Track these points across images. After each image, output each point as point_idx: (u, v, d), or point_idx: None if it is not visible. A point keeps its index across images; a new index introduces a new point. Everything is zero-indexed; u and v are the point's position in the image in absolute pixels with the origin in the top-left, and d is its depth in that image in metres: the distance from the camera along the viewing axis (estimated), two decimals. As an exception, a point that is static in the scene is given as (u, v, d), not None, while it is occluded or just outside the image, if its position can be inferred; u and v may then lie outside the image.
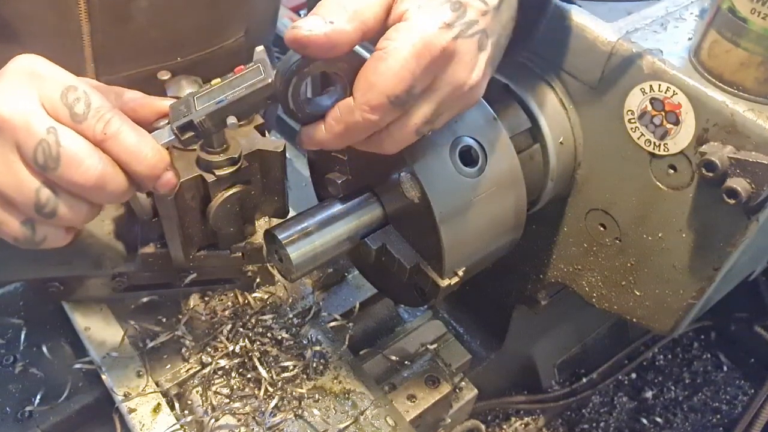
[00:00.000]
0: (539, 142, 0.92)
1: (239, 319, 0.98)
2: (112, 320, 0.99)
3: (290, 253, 0.82)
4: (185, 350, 0.95)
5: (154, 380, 0.92)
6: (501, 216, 0.86)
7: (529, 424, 1.54)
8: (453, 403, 1.09)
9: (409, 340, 1.12)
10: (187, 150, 0.89)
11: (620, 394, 1.64)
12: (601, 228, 0.96)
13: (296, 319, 1.00)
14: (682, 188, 0.84)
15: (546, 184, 0.95)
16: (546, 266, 1.09)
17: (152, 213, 0.89)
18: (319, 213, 0.86)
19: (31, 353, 1.01)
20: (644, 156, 0.86)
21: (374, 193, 0.87)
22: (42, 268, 0.95)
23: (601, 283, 1.01)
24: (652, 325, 0.97)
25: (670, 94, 0.80)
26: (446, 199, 0.80)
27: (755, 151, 0.74)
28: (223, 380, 0.93)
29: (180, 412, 0.91)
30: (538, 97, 0.92)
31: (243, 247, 0.96)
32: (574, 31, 0.87)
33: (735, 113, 0.75)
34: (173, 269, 0.96)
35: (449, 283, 0.84)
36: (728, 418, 1.63)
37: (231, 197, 0.89)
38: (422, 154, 0.79)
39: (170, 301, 1.01)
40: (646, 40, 0.84)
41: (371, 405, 0.93)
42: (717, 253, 0.84)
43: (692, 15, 0.90)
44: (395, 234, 0.88)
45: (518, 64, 0.95)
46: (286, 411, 0.91)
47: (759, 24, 0.72)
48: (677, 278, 0.90)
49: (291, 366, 0.94)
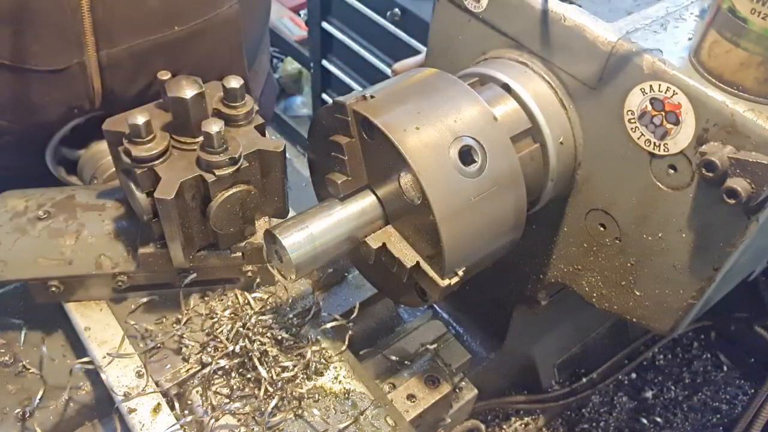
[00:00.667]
0: (539, 142, 0.93)
1: (239, 319, 0.98)
2: (112, 320, 0.99)
3: (290, 254, 0.82)
4: (185, 350, 0.95)
5: (154, 380, 0.92)
6: (501, 216, 0.86)
7: (529, 424, 1.53)
8: (453, 403, 1.09)
9: (409, 340, 1.12)
10: (188, 150, 0.90)
11: (620, 394, 1.64)
12: (601, 228, 0.96)
13: (296, 319, 1.00)
14: (682, 188, 0.84)
15: (546, 184, 0.95)
16: (546, 266, 1.09)
17: (152, 213, 0.89)
18: (319, 213, 0.86)
19: (31, 353, 1.01)
20: (644, 156, 0.86)
21: (374, 193, 0.87)
22: (42, 268, 0.95)
23: (601, 283, 1.01)
24: (652, 325, 0.97)
25: (670, 94, 0.80)
26: (446, 199, 0.80)
27: (755, 151, 0.74)
28: (223, 380, 0.93)
29: (180, 412, 0.91)
30: (538, 97, 0.92)
31: (243, 247, 0.97)
32: (574, 31, 0.88)
33: (735, 113, 0.75)
34: (173, 269, 0.96)
35: (449, 283, 0.84)
36: (728, 417, 1.63)
37: (231, 197, 0.89)
38: (422, 154, 0.79)
39: (170, 301, 1.01)
40: (646, 40, 0.84)
41: (371, 405, 0.93)
42: (717, 253, 0.84)
43: (692, 15, 0.90)
44: (395, 234, 0.88)
45: (518, 64, 0.95)
46: (286, 411, 0.91)
47: (759, 24, 0.72)
48: (677, 278, 0.90)
49: (291, 366, 0.94)
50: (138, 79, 1.17)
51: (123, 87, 1.16)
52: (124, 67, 1.13)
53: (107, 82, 1.14)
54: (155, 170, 0.87)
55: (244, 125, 0.94)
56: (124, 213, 1.01)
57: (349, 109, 0.83)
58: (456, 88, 0.87)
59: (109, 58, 1.09)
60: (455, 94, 0.86)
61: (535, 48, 0.93)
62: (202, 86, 0.88)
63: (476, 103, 0.86)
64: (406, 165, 0.79)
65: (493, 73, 0.94)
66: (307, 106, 3.98)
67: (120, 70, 1.13)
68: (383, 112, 0.81)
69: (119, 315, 1.00)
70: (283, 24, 3.68)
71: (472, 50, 1.02)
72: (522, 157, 0.89)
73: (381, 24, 2.89)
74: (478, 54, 1.01)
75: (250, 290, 1.02)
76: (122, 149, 0.88)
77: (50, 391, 0.97)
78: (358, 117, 0.82)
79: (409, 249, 0.86)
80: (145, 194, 0.88)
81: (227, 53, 1.28)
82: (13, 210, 1.01)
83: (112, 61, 1.11)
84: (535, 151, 0.93)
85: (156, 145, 0.87)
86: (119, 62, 1.12)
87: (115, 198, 1.04)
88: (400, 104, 0.83)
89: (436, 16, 1.06)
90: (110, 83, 1.14)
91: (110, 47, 1.08)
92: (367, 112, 0.81)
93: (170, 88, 0.87)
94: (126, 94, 1.17)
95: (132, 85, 1.17)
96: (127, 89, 1.17)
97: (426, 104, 0.83)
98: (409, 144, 0.79)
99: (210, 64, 1.24)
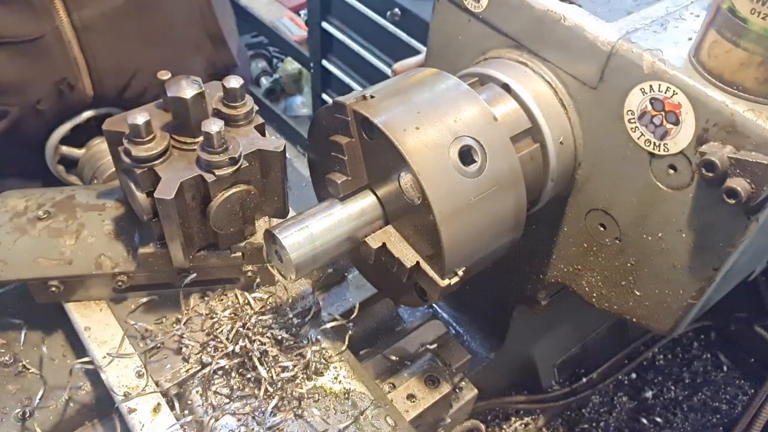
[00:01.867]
0: (539, 142, 0.93)
1: (239, 319, 0.98)
2: (112, 320, 0.99)
3: (290, 254, 0.82)
4: (185, 350, 0.95)
5: (154, 380, 0.92)
6: (501, 216, 0.86)
7: (529, 424, 1.54)
8: (453, 403, 1.09)
9: (409, 340, 1.12)
10: (188, 150, 0.90)
11: (620, 394, 1.64)
12: (601, 228, 0.96)
13: (296, 319, 1.00)
14: (682, 188, 0.84)
15: (546, 184, 0.95)
16: (546, 266, 1.09)
17: (152, 213, 0.89)
18: (319, 213, 0.86)
19: (31, 353, 1.01)
20: (644, 156, 0.86)
21: (374, 193, 0.87)
22: (42, 268, 0.95)
23: (601, 283, 1.01)
24: (652, 325, 0.97)
25: (670, 94, 0.80)
26: (446, 199, 0.80)
27: (755, 151, 0.74)
28: (223, 380, 0.93)
29: (180, 412, 0.91)
30: (538, 97, 0.92)
31: (243, 247, 0.97)
32: (574, 31, 0.88)
33: (735, 113, 0.75)
34: (173, 269, 0.96)
35: (449, 282, 0.84)
36: (728, 417, 1.63)
37: (231, 197, 0.89)
38: (422, 154, 0.79)
39: (170, 301, 1.01)
40: (646, 40, 0.84)
41: (371, 405, 0.93)
42: (717, 253, 0.84)
43: (692, 15, 0.90)
44: (395, 234, 0.88)
45: (518, 64, 0.95)
46: (286, 411, 0.91)
47: (759, 24, 0.72)
48: (677, 278, 0.90)
49: (291, 366, 0.94)
50: (117, 45, 1.17)
51: (104, 54, 1.16)
52: (100, 30, 1.14)
53: (87, 49, 1.14)
54: (155, 170, 0.87)
55: (244, 125, 0.94)
56: (124, 213, 1.01)
57: (349, 109, 0.83)
58: (456, 88, 0.87)
59: (82, 20, 1.11)
60: (455, 94, 0.87)
61: (535, 48, 0.93)
62: (202, 86, 0.88)
63: (476, 103, 0.86)
64: (406, 165, 0.79)
65: (493, 73, 0.94)
66: (307, 106, 3.98)
67: (96, 35, 1.14)
68: (383, 112, 0.81)
69: (119, 315, 1.00)
70: (283, 24, 3.68)
71: (472, 50, 1.02)
72: (522, 157, 0.89)
73: (381, 24, 2.88)
74: (478, 54, 1.01)
75: (250, 290, 1.02)
76: (122, 149, 0.88)
77: (50, 391, 0.97)
78: (358, 117, 0.82)
79: (409, 249, 0.86)
80: (145, 194, 0.88)
81: (197, 8, 1.29)
82: (13, 210, 1.01)
83: (86, 23, 1.11)
84: (535, 151, 0.93)
85: (156, 145, 0.87)
86: (93, 25, 1.12)
87: (115, 198, 1.04)
88: (400, 104, 0.83)
89: (436, 16, 1.06)
90: (90, 50, 1.14)
91: (80, 9, 1.09)
92: (367, 112, 0.81)
93: (170, 87, 0.87)
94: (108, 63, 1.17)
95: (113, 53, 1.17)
96: (108, 57, 1.17)
97: (426, 104, 0.84)
98: (409, 144, 0.79)
99: (183, 19, 1.25)
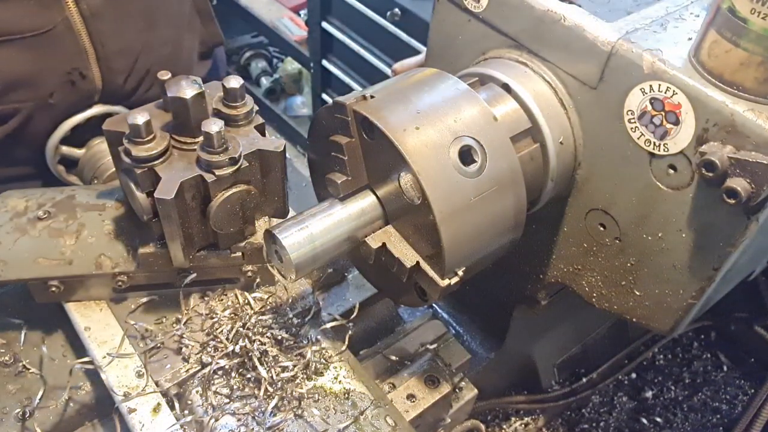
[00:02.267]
0: (539, 142, 0.93)
1: (239, 319, 0.98)
2: (112, 320, 0.99)
3: (290, 254, 0.82)
4: (185, 350, 0.95)
5: (154, 380, 0.92)
6: (501, 216, 0.86)
7: (529, 424, 1.54)
8: (453, 403, 1.09)
9: (409, 340, 1.12)
10: (188, 150, 0.90)
11: (620, 394, 1.64)
12: (601, 228, 0.96)
13: (296, 319, 1.00)
14: (682, 188, 0.84)
15: (546, 184, 0.95)
16: (546, 266, 1.09)
17: (152, 213, 0.89)
18: (319, 213, 0.86)
19: (31, 353, 1.01)
20: (644, 156, 0.86)
21: (374, 193, 0.87)
22: (42, 268, 0.95)
23: (601, 283, 1.01)
24: (652, 325, 0.97)
25: (670, 94, 0.80)
26: (446, 199, 0.80)
27: (755, 151, 0.74)
28: (223, 380, 0.93)
29: (180, 412, 0.91)
30: (538, 97, 0.92)
31: (243, 247, 0.96)
32: (574, 31, 0.88)
33: (735, 113, 0.75)
34: (173, 269, 0.96)
35: (449, 282, 0.84)
36: (728, 417, 1.63)
37: (231, 197, 0.89)
38: (422, 154, 0.79)
39: (170, 301, 1.01)
40: (646, 40, 0.84)
41: (371, 405, 0.93)
42: (717, 253, 0.84)
43: (692, 15, 0.90)
44: (395, 234, 0.88)
45: (518, 64, 0.95)
46: (286, 411, 0.91)
47: (759, 24, 0.72)
48: (677, 278, 0.90)
49: (291, 366, 0.94)
50: (122, 29, 1.24)
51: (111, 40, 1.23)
52: (106, 16, 1.20)
53: (95, 36, 1.20)
54: (155, 170, 0.87)
55: (244, 125, 0.93)
56: (124, 213, 1.01)
57: (349, 109, 0.83)
58: (456, 88, 0.87)
59: (90, 8, 1.17)
60: (455, 94, 0.87)
61: (535, 48, 0.93)
62: (202, 86, 0.88)
63: (476, 103, 0.86)
64: (406, 165, 0.79)
65: (493, 73, 0.94)
66: (307, 106, 3.99)
67: (103, 21, 1.20)
68: (383, 112, 0.81)
69: (119, 315, 1.00)
70: (283, 24, 3.68)
71: (472, 50, 1.02)
72: (522, 157, 0.89)
73: (381, 24, 2.88)
74: (478, 54, 1.01)
75: (250, 290, 1.02)
76: (122, 149, 0.88)
77: (50, 391, 0.97)
78: (358, 117, 0.82)
79: (409, 249, 0.86)
80: (145, 194, 0.88)
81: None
82: (13, 210, 1.01)
83: (94, 10, 1.18)
84: (535, 151, 0.93)
85: (156, 145, 0.87)
86: (99, 11, 1.19)
87: (115, 198, 1.04)
88: (400, 104, 0.83)
89: (436, 16, 1.06)
90: (99, 37, 1.21)
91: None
92: (367, 112, 0.81)
93: (170, 87, 0.87)
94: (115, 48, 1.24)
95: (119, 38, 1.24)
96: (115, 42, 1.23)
97: (426, 104, 0.84)
98: (409, 144, 0.79)
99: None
